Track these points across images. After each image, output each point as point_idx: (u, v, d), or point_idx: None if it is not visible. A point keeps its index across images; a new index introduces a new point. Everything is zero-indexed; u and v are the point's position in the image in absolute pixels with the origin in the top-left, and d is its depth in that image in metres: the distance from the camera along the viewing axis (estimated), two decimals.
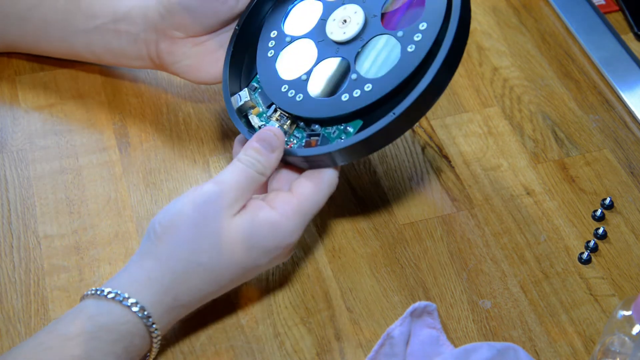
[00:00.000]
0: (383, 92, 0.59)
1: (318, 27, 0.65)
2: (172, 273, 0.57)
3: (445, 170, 0.73)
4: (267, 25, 0.68)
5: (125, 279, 0.57)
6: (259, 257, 0.59)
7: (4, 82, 0.78)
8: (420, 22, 0.60)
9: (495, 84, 0.80)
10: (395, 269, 0.67)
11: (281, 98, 0.64)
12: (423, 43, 0.59)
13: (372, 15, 0.63)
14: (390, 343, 0.61)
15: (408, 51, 0.60)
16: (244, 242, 0.58)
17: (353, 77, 0.61)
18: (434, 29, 0.59)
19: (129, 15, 0.71)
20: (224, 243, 0.57)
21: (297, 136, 0.64)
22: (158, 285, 0.57)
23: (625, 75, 0.81)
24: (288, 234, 0.59)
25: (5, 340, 0.62)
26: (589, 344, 0.63)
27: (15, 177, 0.72)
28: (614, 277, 0.67)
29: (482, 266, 0.67)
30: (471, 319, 0.64)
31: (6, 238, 0.68)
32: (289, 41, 0.66)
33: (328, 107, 0.61)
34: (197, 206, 0.57)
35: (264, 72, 0.66)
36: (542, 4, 0.88)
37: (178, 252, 0.57)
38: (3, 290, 0.65)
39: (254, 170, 0.59)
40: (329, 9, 0.65)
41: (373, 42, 0.62)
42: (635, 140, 0.76)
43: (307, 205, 0.59)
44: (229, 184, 0.58)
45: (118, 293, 0.55)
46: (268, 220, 0.58)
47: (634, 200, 0.72)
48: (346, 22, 0.63)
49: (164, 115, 0.76)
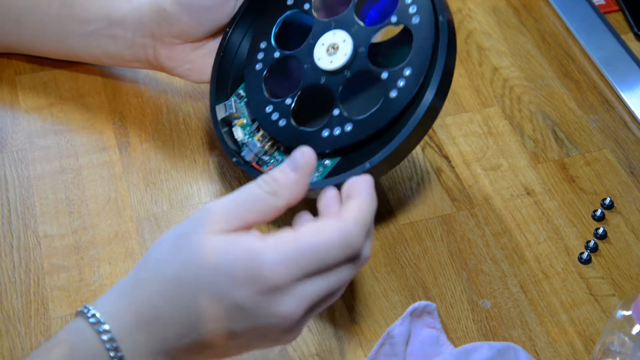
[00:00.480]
0: (362, 136, 0.59)
1: (306, 47, 0.65)
2: (136, 281, 0.51)
3: (445, 170, 0.73)
4: (257, 33, 0.68)
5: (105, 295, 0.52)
6: (227, 286, 0.48)
7: (4, 82, 0.78)
8: (406, 66, 0.60)
9: (495, 84, 0.80)
10: (395, 269, 0.67)
11: (265, 119, 0.64)
12: (406, 90, 0.59)
13: (360, 47, 0.62)
14: (390, 343, 0.61)
15: (390, 97, 0.59)
16: (213, 262, 0.49)
17: (335, 113, 0.61)
18: (418, 78, 0.59)
19: (124, 21, 0.71)
20: (194, 256, 0.49)
21: (277, 159, 0.64)
22: (119, 293, 0.51)
23: (625, 75, 0.81)
24: (266, 266, 0.48)
25: (5, 340, 0.62)
26: (589, 344, 0.63)
27: (15, 177, 0.72)
28: (614, 277, 0.67)
29: (482, 266, 0.67)
30: (471, 319, 0.64)
31: (6, 238, 0.68)
32: (277, 57, 0.66)
33: (308, 141, 0.61)
34: (185, 222, 0.51)
35: (251, 85, 0.66)
36: (542, 4, 0.88)
37: (149, 259, 0.51)
38: (3, 290, 0.65)
39: (262, 190, 0.51)
40: (318, 30, 0.65)
41: (358, 78, 0.62)
42: (635, 140, 0.76)
43: (304, 240, 0.48)
44: (223, 200, 0.51)
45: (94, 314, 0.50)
46: (246, 245, 0.49)
47: (634, 200, 0.72)
48: (334, 50, 0.63)
49: (164, 115, 0.76)
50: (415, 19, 0.61)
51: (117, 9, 0.71)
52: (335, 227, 0.49)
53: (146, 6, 0.70)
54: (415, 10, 0.61)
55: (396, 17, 0.62)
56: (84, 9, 0.72)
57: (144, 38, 0.71)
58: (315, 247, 0.48)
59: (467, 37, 0.84)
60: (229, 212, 0.50)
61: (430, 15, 0.60)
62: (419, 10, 0.61)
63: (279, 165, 0.52)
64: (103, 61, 0.76)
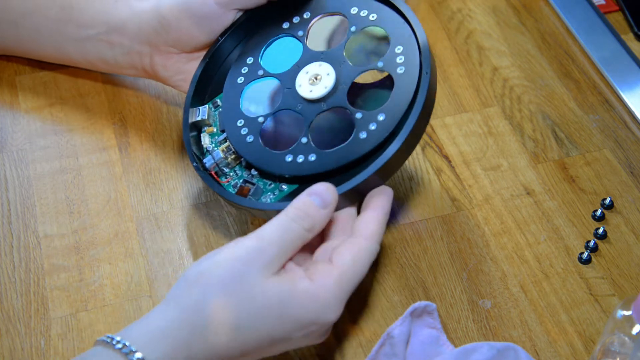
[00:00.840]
0: (323, 168, 0.60)
1: (290, 72, 0.66)
2: (192, 326, 0.51)
3: (445, 170, 0.73)
4: (246, 49, 0.69)
5: (143, 327, 0.52)
6: (291, 330, 0.53)
7: (4, 82, 0.78)
8: (380, 112, 0.61)
9: (495, 84, 0.80)
10: (395, 269, 0.67)
11: (233, 131, 0.65)
12: (375, 135, 0.60)
13: (342, 84, 0.63)
14: (390, 343, 0.61)
15: (359, 137, 0.61)
16: (278, 309, 0.52)
17: (303, 140, 0.62)
18: (389, 126, 0.60)
19: (123, 27, 0.71)
20: (256, 304, 0.52)
21: (237, 173, 0.65)
22: (172, 338, 0.51)
23: (625, 75, 0.81)
24: (327, 309, 0.54)
25: (5, 340, 0.62)
26: (589, 344, 0.63)
27: (15, 177, 0.72)
28: (614, 277, 0.67)
29: (482, 266, 0.67)
30: (471, 319, 0.64)
31: (6, 238, 0.68)
32: (261, 75, 0.67)
33: (271, 162, 0.62)
34: (235, 259, 0.53)
35: (229, 96, 0.67)
36: (542, 4, 0.88)
37: (203, 305, 0.52)
38: (3, 290, 0.65)
39: (301, 227, 0.55)
40: (307, 58, 0.66)
41: (333, 112, 0.63)
42: (635, 140, 0.76)
43: (347, 277, 0.55)
44: (270, 239, 0.54)
45: (126, 344, 0.51)
46: (307, 291, 0.53)
47: (634, 200, 0.72)
48: (317, 80, 0.64)
49: (164, 115, 0.76)
50: (400, 69, 0.62)
51: (116, 15, 0.71)
52: (364, 249, 0.56)
53: (145, 13, 0.70)
54: (402, 61, 0.62)
55: (382, 63, 0.63)
56: (83, 14, 0.72)
57: (141, 45, 0.71)
58: (357, 276, 0.55)
59: (467, 37, 0.84)
60: (279, 254, 0.54)
61: (415, 68, 0.61)
62: (406, 61, 0.62)
63: (305, 199, 0.56)
64: (98, 67, 0.76)
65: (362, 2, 0.66)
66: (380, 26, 0.65)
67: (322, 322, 0.54)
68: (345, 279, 0.55)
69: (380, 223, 0.58)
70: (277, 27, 0.68)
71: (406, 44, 0.63)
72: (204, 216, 0.69)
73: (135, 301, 0.64)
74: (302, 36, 0.67)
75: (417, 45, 0.62)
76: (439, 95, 0.79)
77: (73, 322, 0.63)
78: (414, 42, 0.63)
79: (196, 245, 0.68)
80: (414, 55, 0.62)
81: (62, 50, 0.75)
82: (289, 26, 0.68)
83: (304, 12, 0.68)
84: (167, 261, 0.67)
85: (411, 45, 0.62)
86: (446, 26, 0.85)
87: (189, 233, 0.69)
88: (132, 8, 0.71)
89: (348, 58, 0.64)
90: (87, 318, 0.63)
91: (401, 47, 0.63)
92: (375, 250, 0.57)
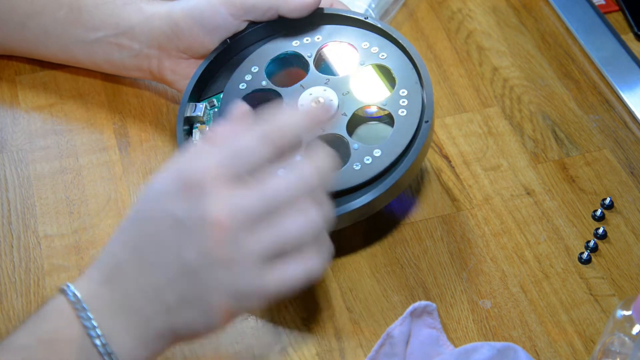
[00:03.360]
0: None
1: (294, 90, 0.67)
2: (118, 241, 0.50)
3: (445, 170, 0.73)
4: (253, 57, 0.70)
5: (90, 271, 0.50)
6: (164, 205, 0.48)
7: (4, 82, 0.78)
8: (377, 148, 0.62)
9: (495, 84, 0.80)
10: (395, 269, 0.67)
11: None
12: (369, 169, 0.62)
13: (343, 113, 0.65)
14: (390, 343, 0.61)
15: (353, 167, 0.62)
16: (147, 188, 0.49)
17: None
18: (383, 163, 0.62)
19: (132, 31, 0.71)
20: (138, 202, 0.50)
21: None
22: (99, 267, 0.50)
23: (625, 75, 0.81)
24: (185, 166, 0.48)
25: None
26: (589, 344, 0.63)
27: (15, 177, 0.72)
28: (614, 277, 0.67)
29: (482, 266, 0.67)
30: (471, 319, 0.64)
31: (6, 238, 0.68)
32: (264, 86, 0.68)
33: None
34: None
35: (228, 99, 0.68)
36: (542, 4, 0.88)
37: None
38: (3, 290, 0.65)
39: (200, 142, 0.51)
40: (313, 80, 0.67)
41: (330, 138, 0.64)
42: (635, 140, 0.76)
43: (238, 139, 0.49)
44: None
45: (75, 293, 0.49)
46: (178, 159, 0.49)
47: (634, 200, 0.72)
48: (319, 103, 0.65)
49: (164, 115, 0.76)
50: (402, 111, 0.64)
51: (125, 18, 0.71)
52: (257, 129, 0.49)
53: (157, 19, 0.70)
54: (405, 104, 0.64)
55: (386, 102, 0.65)
56: (92, 16, 0.72)
57: (150, 49, 0.71)
58: (241, 147, 0.48)
59: (467, 37, 0.84)
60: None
61: (416, 114, 0.64)
62: (409, 105, 0.64)
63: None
64: (104, 69, 0.76)
65: (374, 38, 0.68)
66: (389, 67, 0.66)
67: (179, 176, 0.48)
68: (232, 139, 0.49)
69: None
70: (287, 43, 0.69)
71: (411, 90, 0.65)
72: None
73: None
74: (310, 57, 0.68)
75: (421, 94, 0.64)
76: (439, 95, 0.79)
77: None
78: (419, 90, 0.65)
79: None
80: (417, 101, 0.64)
81: (69, 52, 0.75)
82: (299, 45, 0.69)
83: (316, 34, 0.69)
84: None
85: (416, 92, 0.65)
86: (446, 26, 0.85)
87: None
88: (142, 12, 0.71)
89: (352, 89, 0.66)
90: None
91: (406, 91, 0.65)
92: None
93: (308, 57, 0.68)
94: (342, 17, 0.70)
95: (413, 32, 0.85)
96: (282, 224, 0.48)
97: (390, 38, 0.68)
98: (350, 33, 0.69)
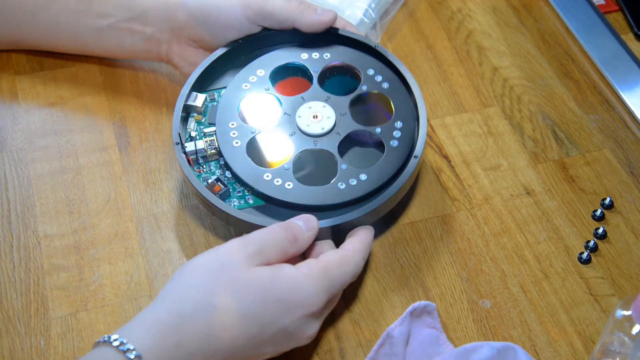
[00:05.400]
0: (294, 200, 0.63)
1: (295, 100, 0.68)
2: (179, 314, 0.53)
3: (445, 170, 0.73)
4: (262, 60, 0.71)
5: (136, 323, 0.54)
6: (277, 313, 0.55)
7: (4, 82, 0.78)
8: (364, 172, 0.65)
9: (495, 83, 0.80)
10: (395, 269, 0.67)
11: (224, 131, 0.67)
12: (353, 191, 0.64)
13: (338, 131, 0.66)
14: (390, 343, 0.61)
15: (338, 186, 0.64)
16: (261, 291, 0.55)
17: (286, 166, 0.65)
18: (367, 188, 0.64)
19: (145, 15, 0.72)
20: (240, 287, 0.54)
21: (211, 168, 0.66)
22: (161, 325, 0.53)
23: (625, 75, 0.81)
24: (311, 293, 0.56)
25: (5, 340, 0.62)
26: (588, 344, 0.63)
27: (15, 177, 0.72)
28: (614, 277, 0.67)
29: (482, 266, 0.67)
30: (471, 319, 0.64)
31: (6, 238, 0.68)
32: (266, 90, 0.69)
33: (249, 173, 0.64)
34: (217, 255, 0.56)
35: (229, 96, 0.69)
36: (542, 4, 0.88)
37: (189, 292, 0.54)
38: (3, 290, 0.65)
39: (284, 235, 0.58)
40: (314, 94, 0.69)
41: (320, 153, 0.66)
42: (635, 140, 0.76)
43: (332, 271, 0.57)
44: (252, 238, 0.57)
45: (123, 342, 0.52)
46: (290, 275, 0.56)
47: (634, 200, 0.72)
48: (316, 118, 0.67)
49: (164, 115, 0.76)
50: (393, 142, 0.66)
51: (138, 3, 0.72)
52: (350, 256, 0.59)
53: (173, 6, 0.71)
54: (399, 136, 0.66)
55: (380, 130, 0.66)
56: (103, 3, 0.73)
57: (162, 33, 0.72)
58: (342, 274, 0.58)
59: (467, 37, 0.84)
60: (261, 250, 0.56)
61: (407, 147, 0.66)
62: (402, 137, 0.66)
63: (291, 220, 0.60)
64: (114, 54, 0.77)
65: (381, 68, 0.70)
66: (389, 97, 0.68)
67: (306, 305, 0.56)
68: (330, 272, 0.57)
69: (364, 243, 0.61)
70: (296, 54, 0.71)
71: (407, 123, 0.67)
72: (203, 216, 0.69)
73: (135, 301, 0.64)
74: (316, 72, 0.70)
75: (416, 129, 0.66)
76: (439, 95, 0.79)
77: (73, 322, 0.63)
78: (414, 125, 0.67)
79: (196, 245, 0.68)
80: (410, 136, 0.66)
81: (79, 40, 0.75)
82: (308, 58, 0.70)
83: (325, 52, 0.71)
84: (167, 261, 0.67)
85: (411, 126, 0.67)
86: (446, 26, 0.85)
87: (189, 233, 0.69)
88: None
89: (351, 111, 0.67)
90: (87, 318, 0.63)
91: (401, 123, 0.67)
92: (359, 264, 0.60)
93: (314, 71, 0.70)
94: (353, 41, 0.71)
95: (413, 32, 0.85)
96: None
97: (395, 70, 0.70)
98: (358, 57, 0.71)
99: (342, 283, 0.59)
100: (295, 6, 0.69)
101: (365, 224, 0.63)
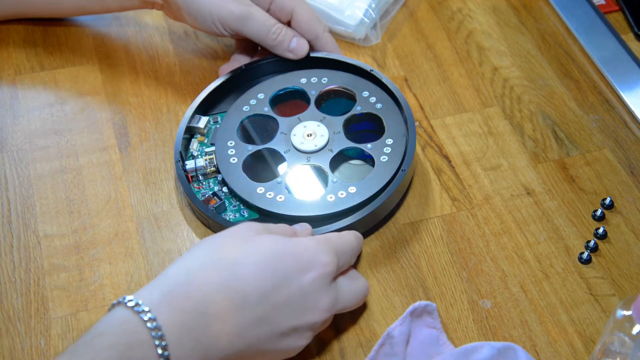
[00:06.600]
0: (285, 211, 0.66)
1: (291, 120, 0.72)
2: (187, 269, 0.55)
3: (445, 170, 0.73)
4: (262, 85, 0.75)
5: (147, 286, 0.55)
6: (290, 269, 0.56)
7: (4, 82, 0.78)
8: (353, 185, 0.67)
9: (495, 83, 0.80)
10: (395, 269, 0.67)
11: (222, 149, 0.70)
12: (340, 202, 0.66)
13: (330, 148, 0.70)
14: (390, 343, 0.61)
15: (327, 199, 0.67)
16: (273, 247, 0.56)
17: (278, 180, 0.68)
18: (356, 200, 0.66)
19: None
20: (251, 245, 0.56)
21: (210, 185, 0.70)
22: (170, 280, 0.54)
23: (625, 75, 0.81)
24: (321, 252, 0.57)
25: (5, 340, 0.62)
26: (589, 344, 0.63)
27: (15, 177, 0.72)
28: (614, 276, 0.67)
29: (482, 266, 0.67)
30: (471, 319, 0.64)
31: (6, 238, 0.68)
32: (265, 112, 0.73)
33: (244, 188, 0.68)
34: (227, 230, 0.58)
35: (230, 117, 0.73)
36: (542, 4, 0.88)
37: (197, 252, 0.56)
38: (3, 290, 0.65)
39: (285, 226, 0.61)
40: (310, 115, 0.72)
41: (312, 168, 0.69)
42: (635, 140, 0.76)
43: (333, 239, 0.60)
44: (257, 224, 0.59)
45: (138, 303, 0.53)
46: (298, 240, 0.58)
47: (634, 200, 0.72)
48: (309, 137, 0.70)
49: (164, 115, 0.77)
50: (383, 158, 0.69)
51: None
52: (347, 235, 0.62)
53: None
54: (389, 152, 0.69)
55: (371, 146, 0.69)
56: None
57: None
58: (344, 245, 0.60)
59: (467, 37, 0.84)
60: (267, 229, 0.59)
61: (396, 162, 0.68)
62: (391, 153, 0.69)
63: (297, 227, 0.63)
64: (113, 9, 0.79)
65: (375, 90, 0.74)
66: (382, 117, 0.72)
67: (319, 264, 0.57)
68: (332, 241, 0.59)
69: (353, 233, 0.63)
70: (295, 79, 0.75)
71: (397, 140, 0.70)
72: None
73: None
74: (313, 95, 0.74)
75: (405, 146, 0.69)
76: (439, 95, 0.79)
77: (73, 321, 0.63)
78: (404, 142, 0.69)
79: None
80: (400, 151, 0.69)
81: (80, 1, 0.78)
82: (306, 82, 0.75)
83: (323, 76, 0.75)
84: (167, 261, 0.67)
85: (401, 143, 0.69)
86: (446, 26, 0.85)
87: (189, 233, 0.69)
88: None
89: (344, 129, 0.71)
90: (87, 318, 0.63)
91: (392, 140, 0.70)
92: (354, 243, 0.62)
93: (311, 94, 0.73)
94: (350, 66, 0.75)
95: (413, 32, 0.85)
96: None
97: (388, 91, 0.73)
98: (354, 81, 0.75)
99: (345, 252, 0.60)
100: (271, 38, 0.73)
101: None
